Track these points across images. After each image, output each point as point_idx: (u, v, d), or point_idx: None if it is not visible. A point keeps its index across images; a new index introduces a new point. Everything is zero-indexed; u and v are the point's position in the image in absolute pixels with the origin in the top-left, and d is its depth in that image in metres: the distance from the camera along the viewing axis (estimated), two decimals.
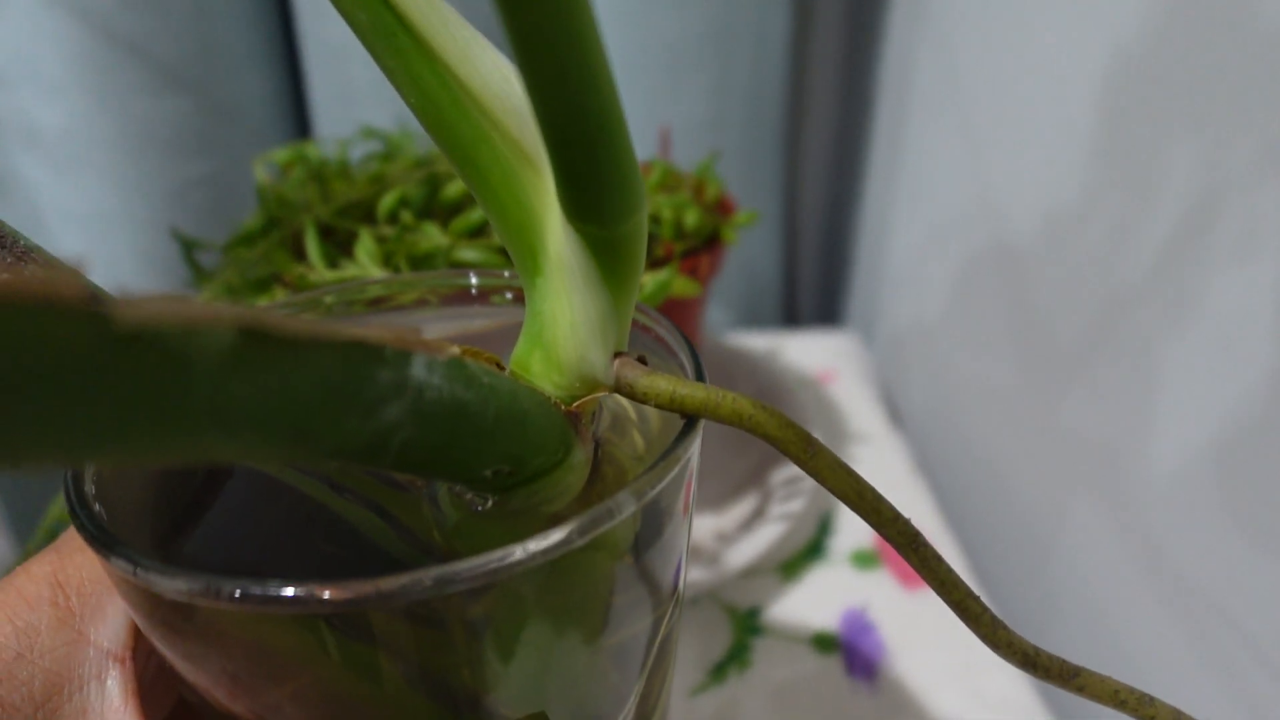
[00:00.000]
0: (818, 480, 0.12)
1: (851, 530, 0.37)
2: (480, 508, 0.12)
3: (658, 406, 0.13)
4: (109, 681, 0.14)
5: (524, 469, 0.12)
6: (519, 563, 0.10)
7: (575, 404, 0.13)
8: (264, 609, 0.10)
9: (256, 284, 0.27)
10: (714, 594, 0.34)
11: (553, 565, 0.11)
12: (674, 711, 0.29)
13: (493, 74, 0.12)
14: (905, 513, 0.12)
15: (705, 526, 0.37)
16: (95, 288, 0.09)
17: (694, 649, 0.31)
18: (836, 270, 0.64)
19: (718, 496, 0.39)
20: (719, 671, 0.31)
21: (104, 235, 0.48)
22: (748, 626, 0.32)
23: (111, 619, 0.14)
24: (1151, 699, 0.12)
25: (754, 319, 0.61)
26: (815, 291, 0.65)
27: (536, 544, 0.10)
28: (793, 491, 0.36)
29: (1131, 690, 0.12)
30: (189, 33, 0.43)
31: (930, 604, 0.34)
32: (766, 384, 0.44)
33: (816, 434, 0.41)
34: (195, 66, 0.44)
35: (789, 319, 0.65)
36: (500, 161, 0.12)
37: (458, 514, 0.13)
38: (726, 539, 0.34)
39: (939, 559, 0.12)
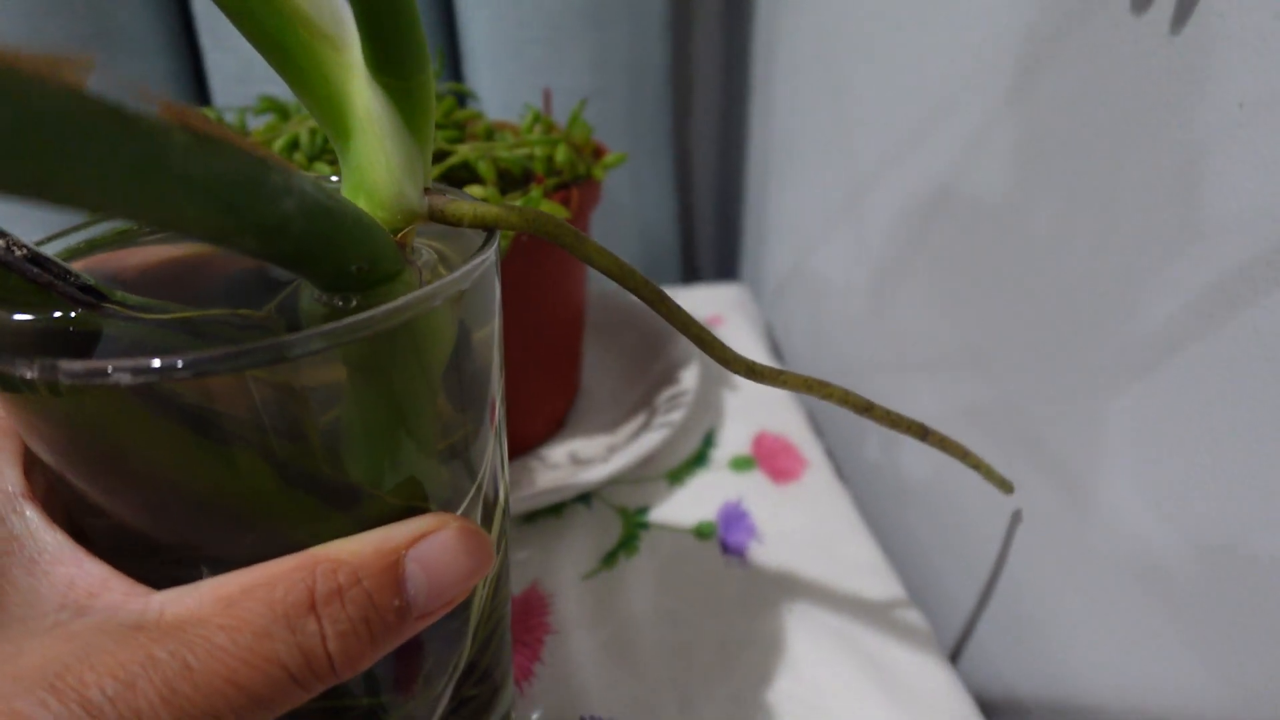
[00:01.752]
0: (590, 264, 0.16)
1: (732, 441, 0.41)
2: (343, 306, 0.16)
3: (465, 225, 0.16)
4: (26, 512, 0.16)
5: (376, 269, 0.15)
6: (355, 326, 0.13)
7: (399, 235, 0.16)
8: (144, 378, 0.13)
9: None
10: (607, 498, 0.37)
11: (389, 346, 0.14)
12: (568, 593, 0.32)
13: None
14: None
15: (599, 444, 0.40)
16: None
17: (587, 543, 0.35)
18: (731, 229, 0.68)
19: (611, 422, 0.42)
20: (609, 558, 0.34)
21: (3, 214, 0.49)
22: (637, 523, 0.36)
23: (6, 471, 0.16)
24: (828, 383, 0.16)
25: (654, 279, 0.65)
26: (713, 251, 0.69)
27: (366, 312, 0.13)
28: (673, 405, 0.40)
29: (818, 380, 0.16)
30: (86, 14, 0.45)
31: (795, 494, 0.38)
32: (653, 329, 0.48)
33: (701, 369, 0.44)
34: (92, 47, 0.46)
35: (689, 278, 0.70)
36: (305, 45, 0.15)
37: (323, 313, 0.16)
38: (617, 449, 0.38)
39: (680, 309, 0.16)
